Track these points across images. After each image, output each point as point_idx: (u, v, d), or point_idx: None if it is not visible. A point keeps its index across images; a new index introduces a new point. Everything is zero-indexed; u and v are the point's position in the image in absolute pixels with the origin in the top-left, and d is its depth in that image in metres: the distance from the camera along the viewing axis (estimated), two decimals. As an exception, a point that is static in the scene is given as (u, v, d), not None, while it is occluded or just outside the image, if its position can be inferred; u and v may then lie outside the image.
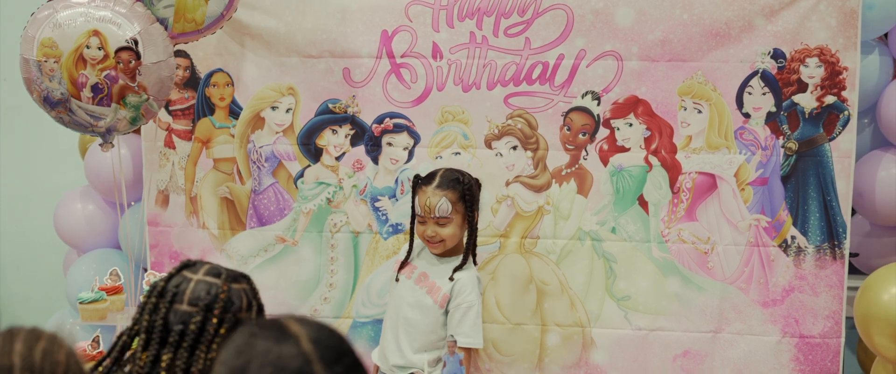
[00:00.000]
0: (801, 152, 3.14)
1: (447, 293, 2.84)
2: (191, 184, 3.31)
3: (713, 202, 3.18)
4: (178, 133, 3.30)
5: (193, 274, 1.77)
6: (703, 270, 3.19)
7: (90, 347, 2.48)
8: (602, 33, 3.13)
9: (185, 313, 1.72)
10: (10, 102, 3.98)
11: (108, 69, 2.41)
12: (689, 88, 3.14)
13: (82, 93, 2.43)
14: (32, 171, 4.06)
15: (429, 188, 2.85)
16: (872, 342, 2.38)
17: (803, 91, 3.12)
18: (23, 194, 4.02)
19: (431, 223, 2.85)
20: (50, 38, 2.42)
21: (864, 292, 2.42)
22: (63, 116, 2.51)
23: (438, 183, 2.86)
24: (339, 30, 3.18)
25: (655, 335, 3.22)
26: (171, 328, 1.72)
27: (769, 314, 3.18)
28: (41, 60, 2.44)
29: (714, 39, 3.11)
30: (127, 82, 2.42)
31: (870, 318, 2.35)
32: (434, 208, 2.83)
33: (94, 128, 2.51)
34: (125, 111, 2.45)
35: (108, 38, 2.41)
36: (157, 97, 2.50)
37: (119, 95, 2.44)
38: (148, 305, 1.76)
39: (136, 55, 2.42)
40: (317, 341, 1.29)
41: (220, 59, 3.25)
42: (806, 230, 3.16)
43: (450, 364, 2.33)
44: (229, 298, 1.74)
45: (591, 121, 3.18)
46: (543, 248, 3.23)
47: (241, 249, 3.30)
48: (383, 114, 3.23)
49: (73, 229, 3.47)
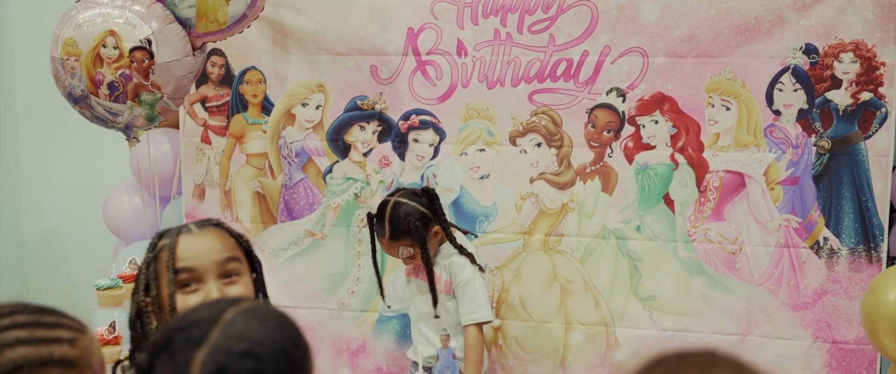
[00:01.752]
0: (834, 151, 3.04)
1: (448, 279, 2.87)
2: (225, 178, 3.41)
3: (741, 202, 3.11)
4: (214, 129, 3.41)
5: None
6: (730, 270, 3.12)
7: (107, 332, 2.59)
8: (627, 29, 3.09)
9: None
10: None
11: (122, 68, 2.51)
12: (717, 84, 3.08)
13: (100, 90, 2.54)
14: (87, 164, 4.25)
15: (384, 241, 2.84)
16: (881, 345, 2.28)
17: (837, 87, 3.01)
18: (84, 186, 4.21)
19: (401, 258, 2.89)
20: (71, 37, 2.54)
21: (871, 291, 2.32)
22: (85, 111, 2.63)
23: (389, 236, 2.81)
24: (367, 27, 3.23)
25: (681, 336, 3.16)
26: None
27: (800, 318, 3.09)
28: (64, 58, 2.57)
29: (743, 34, 3.03)
30: (141, 81, 2.51)
31: (875, 318, 2.25)
32: (397, 255, 2.85)
33: (114, 124, 2.62)
34: (140, 109, 2.55)
35: (123, 38, 2.51)
36: (173, 96, 2.58)
37: (134, 93, 2.54)
38: (141, 285, 1.76)
39: (149, 54, 2.52)
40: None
41: (254, 57, 3.34)
42: (839, 232, 3.05)
43: (443, 358, 2.35)
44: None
45: (615, 118, 3.15)
46: (567, 246, 3.21)
47: (272, 242, 3.39)
48: (409, 110, 3.27)
49: (119, 221, 3.62)
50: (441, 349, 2.38)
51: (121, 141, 3.89)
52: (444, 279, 2.87)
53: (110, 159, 3.96)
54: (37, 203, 4.39)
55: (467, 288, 2.82)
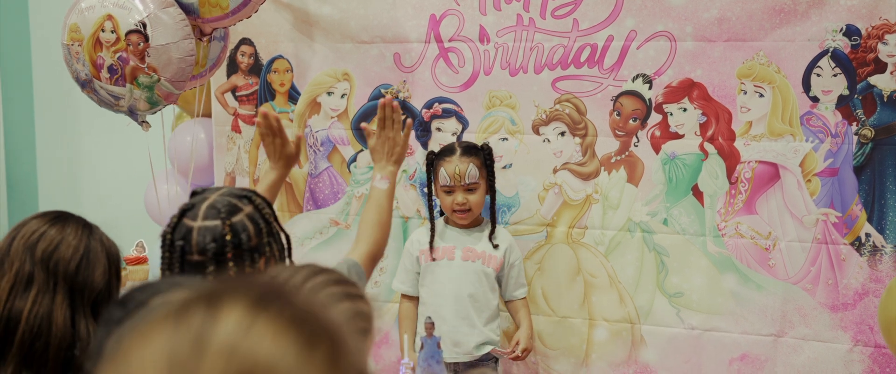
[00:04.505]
0: (877, 140, 2.82)
1: (500, 257, 2.96)
2: (254, 167, 3.44)
3: (775, 194, 2.92)
4: (244, 118, 3.44)
5: (193, 221, 1.75)
6: (763, 267, 2.94)
7: (136, 250, 2.62)
8: (653, 13, 2.95)
9: (199, 263, 1.72)
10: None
11: (119, 51, 2.55)
12: (750, 69, 2.90)
13: (101, 74, 2.60)
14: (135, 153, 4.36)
15: (454, 158, 2.93)
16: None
17: (881, 72, 2.79)
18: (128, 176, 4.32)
19: (461, 191, 2.92)
20: (75, 23, 2.61)
21: (889, 293, 2.12)
22: (92, 95, 2.69)
23: (462, 152, 2.94)
24: (390, 15, 3.19)
25: (710, 335, 2.99)
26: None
27: (839, 319, 2.88)
28: (69, 44, 2.63)
29: (778, 16, 2.85)
30: (137, 64, 2.55)
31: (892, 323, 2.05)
32: (464, 174, 2.90)
33: (118, 107, 2.67)
34: (139, 91, 2.59)
35: (120, 22, 2.56)
36: (173, 79, 2.61)
37: (132, 76, 2.58)
38: (163, 261, 1.78)
39: (144, 38, 2.55)
40: None
41: (281, 46, 3.35)
42: (883, 228, 2.83)
43: (427, 346, 2.28)
44: (235, 236, 1.72)
45: (642, 106, 3.01)
46: (591, 239, 3.09)
47: (297, 231, 3.39)
48: (432, 99, 3.21)
49: (157, 209, 3.69)
50: (425, 337, 2.31)
51: (161, 131, 3.98)
52: (497, 258, 2.96)
53: (154, 149, 4.05)
54: (95, 194, 4.53)
55: (520, 267, 3.01)
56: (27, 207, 4.55)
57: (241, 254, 1.73)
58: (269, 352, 0.73)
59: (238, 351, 0.73)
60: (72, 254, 1.77)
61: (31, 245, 1.76)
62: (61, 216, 1.83)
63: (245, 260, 1.74)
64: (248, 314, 0.76)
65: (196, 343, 0.73)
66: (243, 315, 0.75)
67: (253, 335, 0.74)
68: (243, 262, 1.74)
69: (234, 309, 0.76)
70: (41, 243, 1.77)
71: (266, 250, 1.79)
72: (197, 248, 1.72)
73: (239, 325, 0.74)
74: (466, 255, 2.97)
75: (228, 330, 0.74)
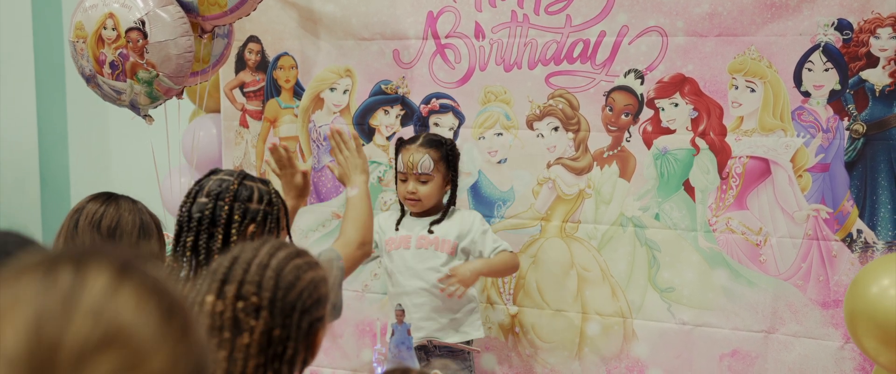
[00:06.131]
0: (869, 136, 2.79)
1: (453, 240, 2.94)
2: (260, 161, 3.53)
3: (766, 190, 2.91)
4: (251, 113, 3.53)
5: (214, 175, 2.05)
6: (754, 263, 2.93)
7: None
8: (645, 8, 2.96)
9: (202, 203, 1.99)
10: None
11: (120, 48, 2.66)
12: (741, 64, 2.90)
13: (103, 69, 2.71)
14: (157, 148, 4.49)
15: (412, 147, 2.98)
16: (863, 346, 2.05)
17: (873, 66, 2.77)
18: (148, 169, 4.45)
19: (412, 180, 2.97)
20: (80, 21, 2.73)
21: (854, 286, 2.10)
22: (95, 90, 2.80)
23: (423, 143, 2.99)
24: (389, 11, 3.26)
25: (701, 330, 3.00)
26: (192, 217, 1.98)
27: (830, 316, 2.86)
28: (74, 41, 2.75)
29: (769, 11, 2.84)
30: (137, 59, 2.65)
31: (856, 315, 2.03)
32: (417, 164, 2.95)
33: (121, 102, 2.78)
34: (139, 86, 2.69)
35: (121, 20, 2.66)
36: (172, 75, 2.71)
37: (132, 72, 2.69)
38: (184, 204, 2.03)
39: (143, 35, 2.65)
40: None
41: (287, 43, 3.44)
42: (874, 224, 2.80)
43: (398, 333, 2.33)
44: (239, 190, 1.99)
45: (633, 101, 3.02)
46: (585, 233, 3.11)
47: (301, 223, 3.47)
48: (430, 94, 3.27)
49: (173, 202, 3.81)
50: (396, 324, 2.37)
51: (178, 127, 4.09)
52: (450, 241, 2.94)
53: (172, 144, 4.17)
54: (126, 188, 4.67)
55: (488, 232, 2.96)
56: (61, 200, 4.72)
57: (235, 205, 1.97)
58: (132, 317, 0.78)
59: (105, 313, 0.77)
60: (131, 227, 2.08)
61: (95, 223, 2.05)
62: (112, 196, 2.14)
63: (236, 210, 1.97)
64: (114, 279, 0.80)
65: (65, 302, 0.77)
66: (110, 280, 0.80)
67: (119, 299, 0.78)
68: (234, 211, 1.96)
69: (101, 273, 0.80)
70: (104, 221, 2.06)
71: (259, 219, 2.01)
72: (206, 191, 1.99)
73: (106, 288, 0.79)
74: (420, 244, 2.98)
75: (95, 292, 0.78)
